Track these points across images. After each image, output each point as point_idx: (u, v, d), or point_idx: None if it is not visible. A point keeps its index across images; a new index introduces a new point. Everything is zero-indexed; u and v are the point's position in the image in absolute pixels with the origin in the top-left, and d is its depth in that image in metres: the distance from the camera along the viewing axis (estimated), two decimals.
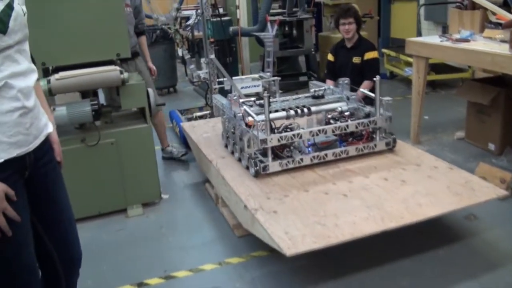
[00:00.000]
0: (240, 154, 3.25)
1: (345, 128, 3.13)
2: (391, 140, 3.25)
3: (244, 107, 3.21)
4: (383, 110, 3.18)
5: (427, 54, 4.44)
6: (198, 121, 4.69)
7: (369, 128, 3.21)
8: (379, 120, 3.17)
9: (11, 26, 1.63)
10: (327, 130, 3.09)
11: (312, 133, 3.05)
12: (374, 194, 2.71)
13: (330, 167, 3.09)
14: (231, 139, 3.40)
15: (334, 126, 3.11)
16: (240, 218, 2.90)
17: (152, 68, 5.01)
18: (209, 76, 4.93)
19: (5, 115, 1.62)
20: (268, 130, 2.96)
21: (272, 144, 2.97)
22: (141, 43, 4.83)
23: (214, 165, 3.33)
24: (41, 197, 1.86)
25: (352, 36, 4.62)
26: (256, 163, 2.99)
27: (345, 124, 3.14)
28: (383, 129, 3.25)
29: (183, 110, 6.02)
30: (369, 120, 3.16)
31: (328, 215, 2.50)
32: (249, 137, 3.05)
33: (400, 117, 4.64)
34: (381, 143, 3.23)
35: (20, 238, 1.73)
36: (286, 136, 2.99)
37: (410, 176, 2.92)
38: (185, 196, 4.01)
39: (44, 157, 1.85)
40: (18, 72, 1.67)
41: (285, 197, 2.74)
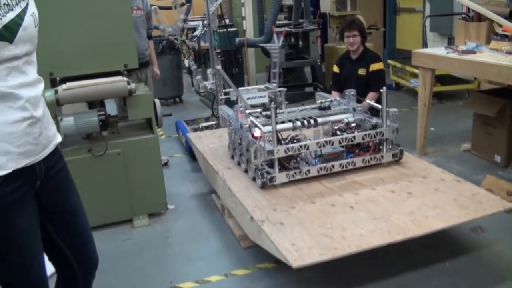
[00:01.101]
0: (246, 165, 3.24)
1: (352, 139, 3.13)
2: (398, 152, 3.25)
3: (250, 118, 3.22)
4: (389, 122, 3.18)
5: (433, 65, 4.44)
6: (204, 132, 4.69)
7: (376, 139, 3.21)
8: (386, 132, 3.17)
9: (20, 36, 1.61)
10: (333, 142, 3.08)
11: (319, 145, 3.05)
12: (381, 206, 2.70)
13: (337, 179, 3.08)
14: (238, 150, 3.40)
15: (341, 138, 3.10)
16: (246, 230, 2.89)
17: (156, 72, 5.07)
18: (215, 87, 4.94)
19: (13, 125, 1.61)
20: (275, 141, 2.96)
21: (279, 155, 2.97)
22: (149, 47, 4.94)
23: (220, 176, 3.32)
24: (55, 205, 1.87)
25: (357, 48, 4.62)
26: (263, 175, 2.99)
27: (352, 135, 3.13)
28: (390, 140, 3.24)
29: (189, 120, 6.03)
30: (376, 131, 3.16)
31: (335, 227, 2.49)
32: (256, 148, 3.04)
33: (406, 128, 4.63)
34: (388, 155, 3.23)
35: (30, 249, 1.73)
36: (293, 148, 2.99)
37: (416, 188, 2.91)
38: (191, 207, 4.01)
39: (55, 166, 1.85)
40: (26, 82, 1.66)
41: (291, 208, 2.73)
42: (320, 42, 7.78)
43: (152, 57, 5.06)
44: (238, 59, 6.52)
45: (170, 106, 7.65)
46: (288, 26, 7.16)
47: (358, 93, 3.59)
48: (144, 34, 4.86)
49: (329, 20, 8.17)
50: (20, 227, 1.68)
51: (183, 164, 5.03)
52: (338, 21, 7.47)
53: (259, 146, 3.01)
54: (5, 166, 1.61)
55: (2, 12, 1.56)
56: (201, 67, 7.34)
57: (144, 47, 4.86)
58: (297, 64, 7.40)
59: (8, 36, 1.57)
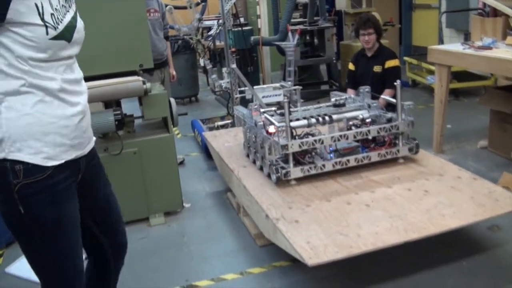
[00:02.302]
0: (261, 162, 3.24)
1: (367, 133, 3.10)
2: (414, 146, 3.21)
3: (264, 115, 3.22)
4: (404, 115, 3.15)
5: (450, 62, 4.39)
6: (219, 131, 4.70)
7: (391, 133, 3.18)
8: (401, 125, 3.14)
9: (75, 37, 1.74)
10: (348, 136, 3.07)
11: (333, 139, 3.03)
12: (397, 204, 2.68)
13: (353, 177, 3.07)
14: (252, 148, 3.40)
15: (356, 131, 3.09)
16: (262, 228, 2.89)
17: (173, 73, 5.11)
18: (231, 86, 4.94)
19: (69, 119, 1.72)
20: (289, 135, 2.95)
21: (293, 149, 2.95)
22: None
23: (235, 174, 3.33)
24: (92, 193, 1.97)
25: (372, 45, 4.60)
26: (278, 170, 2.98)
27: (366, 129, 3.11)
28: (405, 134, 3.21)
29: (205, 119, 6.04)
30: (391, 125, 3.13)
31: (351, 225, 2.48)
32: (270, 143, 3.04)
33: (422, 125, 4.59)
34: (404, 149, 3.20)
35: (76, 237, 1.82)
36: (307, 142, 2.97)
37: (433, 186, 2.88)
38: (206, 205, 4.02)
39: (93, 160, 1.96)
40: (76, 80, 1.79)
41: (307, 206, 2.73)
42: (335, 40, 7.74)
43: (168, 58, 5.09)
44: (253, 58, 6.53)
45: (186, 105, 7.67)
46: (303, 24, 7.13)
47: (374, 90, 3.57)
48: (162, 35, 4.90)
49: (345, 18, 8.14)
50: (69, 215, 1.77)
51: (199, 162, 5.05)
52: (353, 19, 7.43)
53: (273, 141, 3.01)
54: (59, 157, 1.70)
55: (61, 12, 1.68)
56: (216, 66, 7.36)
57: (163, 47, 4.92)
58: (313, 62, 7.38)
59: (68, 36, 1.70)
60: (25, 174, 1.64)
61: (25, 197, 1.65)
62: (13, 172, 1.63)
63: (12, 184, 1.63)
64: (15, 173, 1.63)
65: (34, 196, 1.66)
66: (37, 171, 1.65)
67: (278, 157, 3.12)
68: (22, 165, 1.63)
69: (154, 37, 4.68)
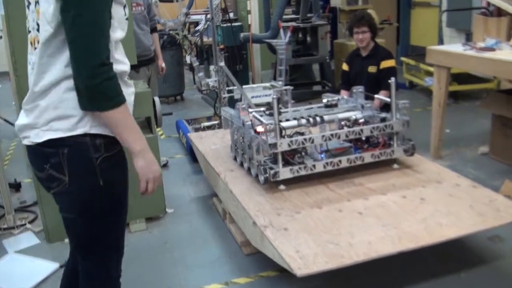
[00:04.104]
0: (249, 163, 3.24)
1: (359, 132, 3.11)
2: (410, 146, 3.23)
3: (253, 113, 3.23)
4: (399, 115, 3.17)
5: (449, 63, 4.42)
6: (206, 132, 4.70)
7: (385, 133, 3.19)
8: (396, 125, 3.15)
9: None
10: (340, 135, 3.07)
11: (324, 138, 3.04)
12: (391, 212, 2.69)
13: (345, 184, 3.08)
14: (240, 149, 3.41)
15: (348, 131, 3.09)
16: (249, 235, 2.89)
17: (161, 65, 5.09)
18: (218, 84, 4.94)
19: (130, 97, 1.86)
20: (278, 134, 2.95)
21: (282, 148, 2.95)
22: (153, 41, 4.96)
23: (222, 179, 3.32)
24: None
25: (367, 44, 4.62)
26: (266, 170, 2.97)
27: (359, 128, 3.13)
28: (400, 135, 3.22)
29: (190, 119, 6.04)
30: (385, 124, 3.14)
31: (342, 234, 2.48)
32: (258, 143, 3.04)
33: (419, 130, 4.62)
34: (398, 150, 3.21)
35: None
36: (296, 141, 2.98)
37: (430, 193, 2.89)
38: (191, 211, 4.01)
39: None
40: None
41: (296, 213, 2.73)
42: (329, 38, 7.77)
43: (157, 50, 5.08)
44: (243, 56, 6.53)
45: (170, 105, 7.66)
46: (296, 21, 7.15)
47: (369, 91, 3.57)
48: (148, 30, 4.89)
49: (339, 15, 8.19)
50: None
51: (184, 165, 5.04)
52: (348, 16, 7.47)
53: (261, 140, 3.01)
54: None
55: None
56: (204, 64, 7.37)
57: (149, 43, 4.90)
58: (305, 61, 7.40)
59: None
60: (106, 147, 1.79)
61: (105, 170, 1.79)
62: (94, 147, 1.76)
63: (93, 159, 1.76)
64: (96, 147, 1.77)
65: (112, 169, 1.82)
66: (115, 144, 1.81)
67: (266, 158, 3.13)
68: (103, 139, 1.77)
69: (138, 32, 4.67)
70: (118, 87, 1.71)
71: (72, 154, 1.76)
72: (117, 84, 1.70)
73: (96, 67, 1.63)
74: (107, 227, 1.93)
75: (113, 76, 1.68)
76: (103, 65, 1.65)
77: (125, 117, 1.74)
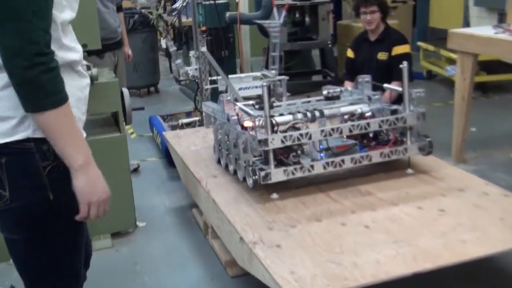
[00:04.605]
0: (235, 165, 3.23)
1: (366, 126, 3.11)
2: (426, 144, 3.22)
3: (239, 106, 3.23)
4: (413, 106, 3.17)
5: (476, 49, 4.43)
6: (184, 130, 4.70)
7: (396, 127, 3.17)
8: (409, 118, 3.15)
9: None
10: (342, 129, 3.06)
11: (324, 133, 3.02)
12: (404, 226, 2.69)
13: (349, 192, 3.08)
14: (225, 150, 3.39)
15: (352, 125, 3.08)
16: (235, 253, 2.89)
17: (128, 53, 5.09)
18: (200, 74, 4.94)
19: (83, 90, 1.85)
20: (269, 128, 2.94)
21: (274, 145, 2.93)
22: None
23: (203, 186, 3.32)
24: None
25: (376, 27, 4.63)
26: (255, 171, 2.96)
27: (365, 121, 3.12)
28: (415, 130, 3.23)
29: (166, 115, 6.04)
30: (396, 117, 3.14)
31: (346, 252, 2.48)
32: (246, 139, 3.04)
33: (439, 128, 4.64)
34: (413, 148, 3.20)
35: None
36: (291, 137, 2.97)
37: (451, 204, 2.90)
38: (166, 225, 4.01)
39: None
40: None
41: (292, 228, 2.73)
42: (332, 19, 7.80)
43: (123, 34, 5.09)
44: (229, 39, 6.52)
45: (142, 98, 7.66)
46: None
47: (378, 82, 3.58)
48: (113, 8, 4.88)
49: None
50: None
51: (158, 170, 5.04)
52: None
53: (249, 136, 3.00)
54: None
55: None
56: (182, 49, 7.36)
57: (116, 23, 4.90)
58: (303, 46, 7.41)
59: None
60: (55, 154, 1.71)
61: (55, 182, 1.75)
62: (40, 154, 1.71)
63: (40, 168, 1.71)
64: (43, 154, 1.71)
65: (64, 180, 1.74)
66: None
67: (256, 159, 3.12)
68: (49, 144, 1.70)
69: (103, 10, 4.67)
70: (60, 82, 1.64)
71: (12, 164, 1.70)
72: (58, 78, 1.63)
73: (31, 56, 1.56)
74: (60, 251, 1.87)
75: (53, 67, 1.61)
76: (41, 54, 1.58)
77: (64, 121, 1.67)
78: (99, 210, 1.83)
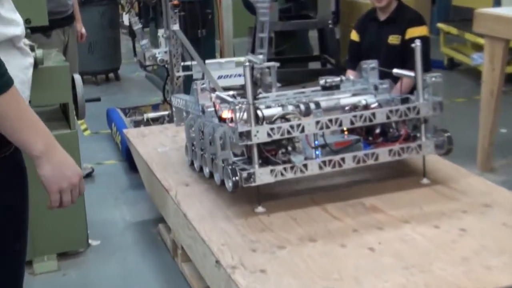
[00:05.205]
0: (211, 166, 3.21)
1: (371, 118, 3.09)
2: (444, 140, 3.21)
3: (216, 94, 3.22)
4: (428, 94, 3.17)
5: (508, 33, 4.44)
6: (150, 127, 4.69)
7: (408, 119, 3.16)
8: (423, 107, 3.13)
9: None
10: (342, 120, 3.05)
11: (320, 125, 2.99)
12: (417, 249, 2.70)
13: (350, 205, 3.08)
14: (198, 148, 3.37)
15: (354, 115, 3.06)
16: (210, 280, 2.90)
17: (81, 31, 5.08)
18: (170, 58, 4.94)
19: (26, 71, 1.88)
20: (253, 118, 2.92)
21: (258, 139, 2.91)
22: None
23: (172, 197, 3.32)
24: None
25: (387, 4, 4.64)
26: (235, 171, 2.93)
27: (370, 111, 3.11)
28: (431, 124, 3.23)
29: (128, 108, 6.03)
30: (407, 106, 3.14)
31: (345, 279, 2.49)
32: (224, 132, 3.01)
33: (462, 129, 4.66)
34: (428, 144, 3.19)
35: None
36: (280, 129, 2.95)
37: (474, 223, 2.91)
38: (126, 243, 4.01)
39: None
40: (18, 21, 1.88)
41: (279, 249, 2.73)
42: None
43: (74, 7, 5.07)
44: (207, 16, 6.52)
45: (99, 86, 7.64)
46: None
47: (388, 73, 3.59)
48: None
49: None
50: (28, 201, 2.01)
51: (117, 176, 5.04)
52: None
53: (228, 129, 2.99)
54: None
55: None
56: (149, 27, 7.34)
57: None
58: (298, 26, 7.43)
59: None
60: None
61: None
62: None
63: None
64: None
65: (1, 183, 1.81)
66: (7, 144, 1.78)
67: (237, 159, 3.09)
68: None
69: None
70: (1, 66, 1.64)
71: None
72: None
73: None
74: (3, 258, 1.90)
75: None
76: None
77: (15, 106, 1.68)
78: (73, 194, 1.87)
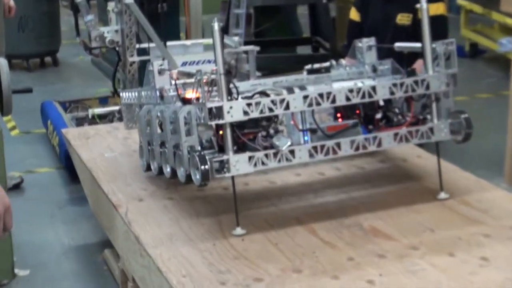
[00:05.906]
0: (173, 161, 3.19)
1: (371, 93, 3.09)
2: (461, 123, 3.22)
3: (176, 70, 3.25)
4: (439, 67, 3.19)
5: None
6: (97, 126, 4.70)
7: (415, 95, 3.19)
8: (434, 81, 3.15)
9: None
10: (336, 96, 3.03)
11: (308, 101, 2.99)
12: (427, 282, 2.72)
13: (344, 226, 3.10)
14: (157, 144, 3.35)
15: (350, 90, 3.06)
16: None
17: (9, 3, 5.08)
18: (122, 39, 4.94)
19: None
20: (224, 91, 2.89)
21: (233, 117, 2.89)
22: None
23: (122, 215, 3.32)
24: None
25: None
26: (204, 159, 2.89)
27: (369, 84, 3.14)
28: (444, 104, 3.24)
29: (68, 102, 6.02)
30: (414, 79, 3.14)
31: None
32: (189, 113, 2.99)
33: (485, 133, 4.69)
34: (441, 128, 3.21)
35: None
36: (259, 105, 2.94)
37: (498, 250, 2.93)
38: (62, 273, 4.01)
39: None
40: None
41: (255, 282, 2.74)
42: None
43: None
44: None
45: (32, 73, 7.62)
46: None
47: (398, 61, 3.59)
48: None
49: None
50: None
51: (53, 188, 5.04)
52: None
53: (194, 108, 2.98)
54: None
55: None
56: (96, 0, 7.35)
57: None
58: (283, 2, 7.44)
59: None
60: None
61: None
62: None
63: None
64: None
65: None
66: None
67: (209, 152, 3.04)
68: None
69: None
70: None
71: None
72: None
73: None
74: None
75: None
76: None
77: None
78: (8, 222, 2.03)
